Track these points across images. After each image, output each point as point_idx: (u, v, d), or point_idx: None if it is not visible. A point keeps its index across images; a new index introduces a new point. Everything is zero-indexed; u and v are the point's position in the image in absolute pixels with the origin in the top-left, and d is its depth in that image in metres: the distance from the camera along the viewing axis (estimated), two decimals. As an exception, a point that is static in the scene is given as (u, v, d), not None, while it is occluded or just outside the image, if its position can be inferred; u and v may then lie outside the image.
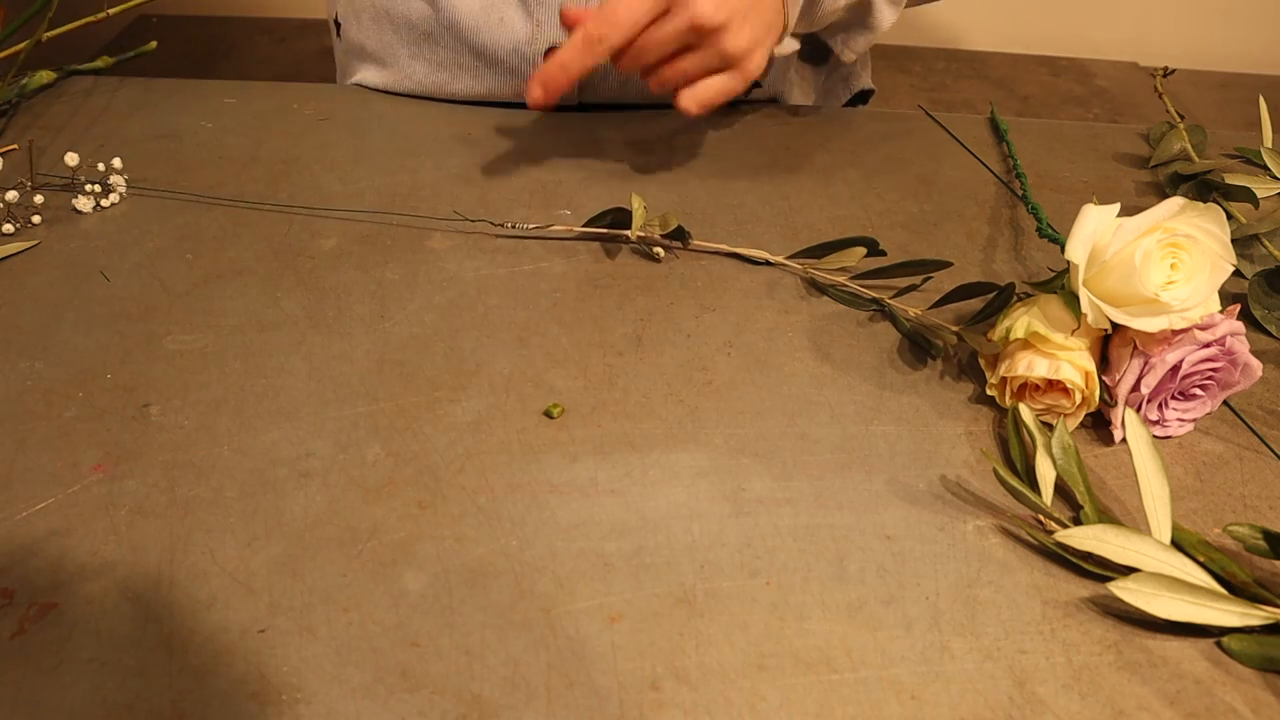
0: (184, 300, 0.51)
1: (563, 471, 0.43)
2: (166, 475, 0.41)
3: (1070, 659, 0.36)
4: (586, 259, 0.56)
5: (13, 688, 0.33)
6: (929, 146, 0.71)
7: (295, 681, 0.34)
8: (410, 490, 0.41)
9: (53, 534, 0.39)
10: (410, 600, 0.37)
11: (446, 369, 0.48)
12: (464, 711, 0.34)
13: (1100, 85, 1.28)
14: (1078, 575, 0.40)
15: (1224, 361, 0.44)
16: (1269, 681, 0.36)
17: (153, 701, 0.33)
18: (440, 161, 0.65)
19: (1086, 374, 0.44)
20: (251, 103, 0.70)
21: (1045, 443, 0.43)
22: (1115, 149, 0.73)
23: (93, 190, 0.57)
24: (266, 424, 0.44)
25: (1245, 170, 0.68)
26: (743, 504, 0.42)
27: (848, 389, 0.48)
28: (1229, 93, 1.25)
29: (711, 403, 0.47)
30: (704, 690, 0.35)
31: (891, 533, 0.41)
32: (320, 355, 0.48)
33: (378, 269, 0.54)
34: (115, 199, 0.58)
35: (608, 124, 0.70)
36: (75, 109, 0.68)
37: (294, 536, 0.39)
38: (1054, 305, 0.46)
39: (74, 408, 0.44)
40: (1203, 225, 0.43)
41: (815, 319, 0.53)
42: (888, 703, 0.35)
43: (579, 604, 0.37)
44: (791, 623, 0.37)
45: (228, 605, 0.36)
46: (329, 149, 0.65)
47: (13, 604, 0.36)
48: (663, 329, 0.51)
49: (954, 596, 0.38)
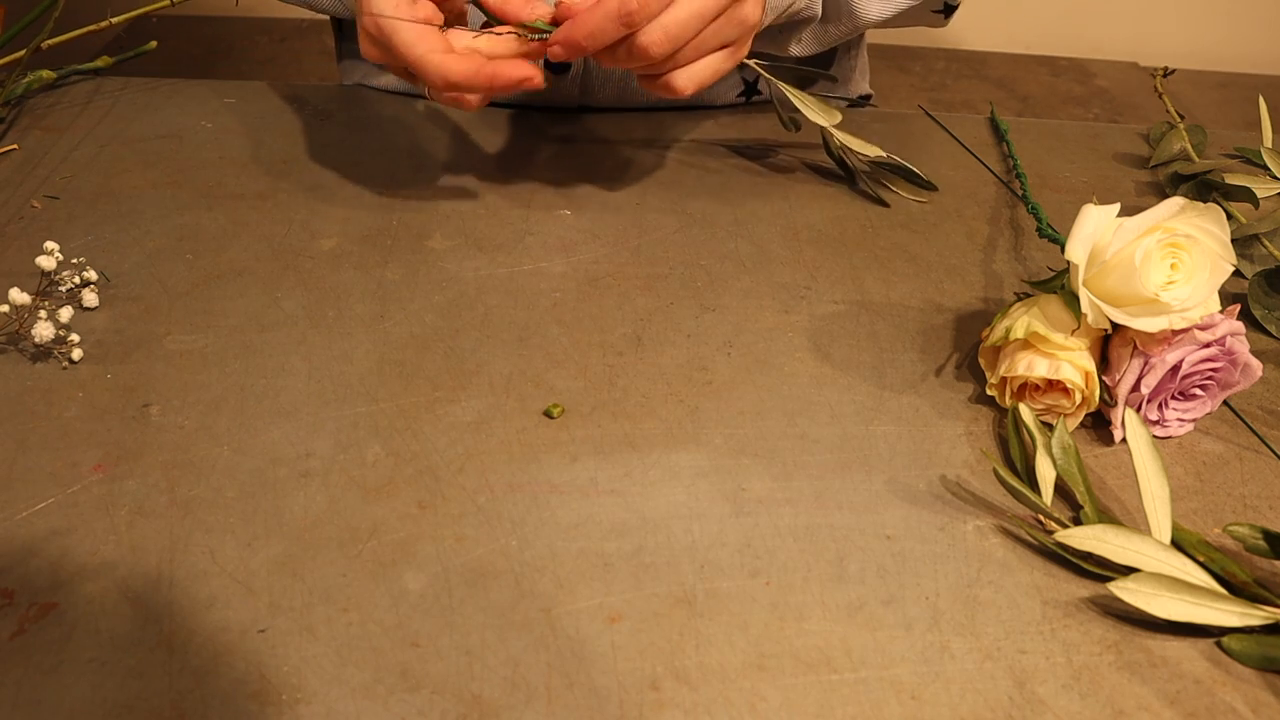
0: (184, 300, 0.51)
1: (563, 471, 0.43)
2: (166, 475, 0.41)
3: (1070, 659, 0.36)
4: (586, 259, 0.56)
5: (13, 688, 0.33)
6: (929, 146, 0.71)
7: (295, 681, 0.34)
8: (410, 490, 0.41)
9: (53, 534, 0.39)
10: (410, 600, 0.37)
11: (446, 369, 0.48)
12: (464, 711, 0.34)
13: (1100, 85, 1.28)
14: (1078, 575, 0.40)
15: (1224, 361, 0.44)
16: (1269, 681, 0.36)
17: (153, 701, 0.33)
18: (440, 161, 0.65)
19: (1086, 374, 0.44)
20: (251, 103, 0.70)
21: (1045, 443, 0.43)
22: (1115, 149, 0.73)
23: (52, 317, 0.47)
24: (266, 424, 0.44)
25: (1245, 170, 0.68)
26: (743, 504, 0.42)
27: (848, 389, 0.48)
28: (1229, 93, 1.26)
29: (711, 403, 0.47)
30: (704, 690, 0.35)
31: (891, 533, 0.41)
32: (320, 355, 0.48)
33: (378, 269, 0.54)
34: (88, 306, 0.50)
35: (608, 124, 0.70)
36: (76, 109, 0.68)
37: (294, 536, 0.39)
38: (1054, 305, 0.46)
39: (74, 408, 0.44)
40: (1203, 225, 0.43)
41: (815, 319, 0.53)
42: (888, 703, 0.35)
43: (579, 604, 0.37)
44: (791, 623, 0.37)
45: (228, 605, 0.36)
46: (329, 149, 0.65)
47: (13, 604, 0.36)
48: (663, 329, 0.51)
49: (954, 596, 0.38)
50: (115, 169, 0.62)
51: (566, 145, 0.68)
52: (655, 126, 0.71)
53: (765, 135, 0.71)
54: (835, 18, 0.67)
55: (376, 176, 0.62)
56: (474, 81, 0.49)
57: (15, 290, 0.47)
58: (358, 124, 0.68)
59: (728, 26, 0.52)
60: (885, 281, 0.56)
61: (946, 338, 0.52)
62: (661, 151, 0.67)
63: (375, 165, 0.64)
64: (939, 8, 0.69)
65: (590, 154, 0.67)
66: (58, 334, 0.47)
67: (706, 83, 0.53)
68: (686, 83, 0.53)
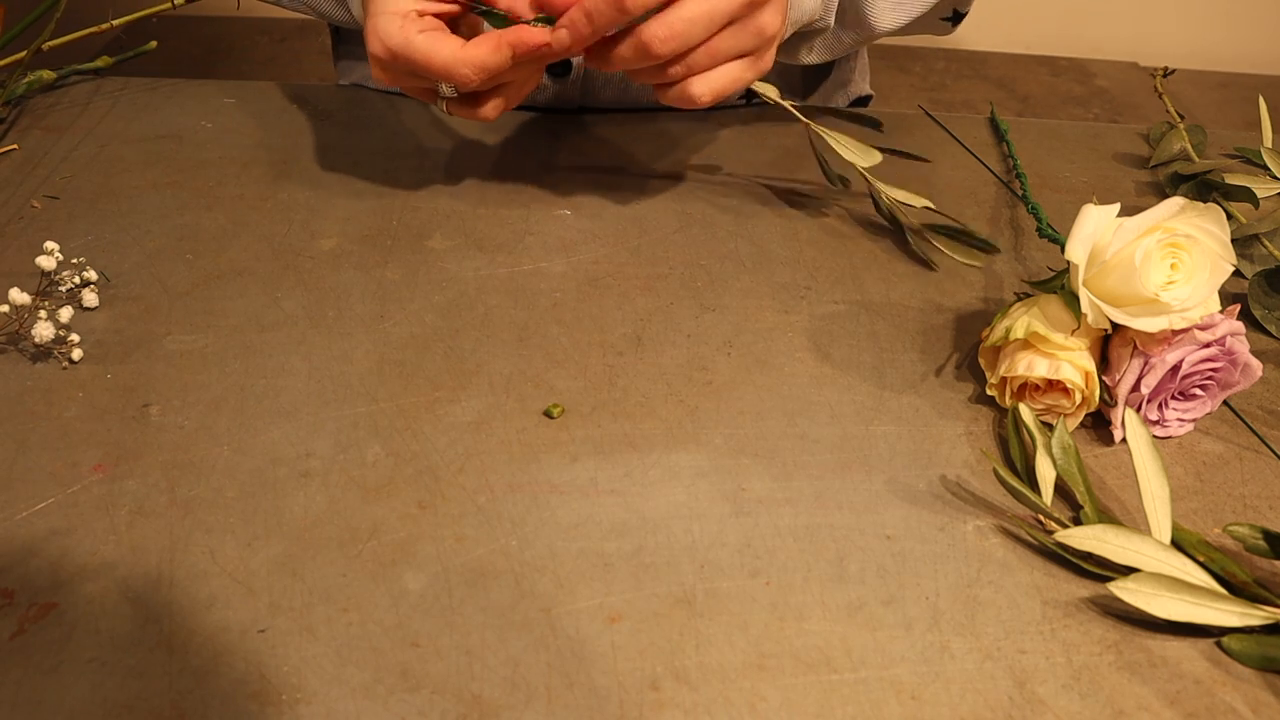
0: (184, 300, 0.51)
1: (563, 471, 0.43)
2: (166, 475, 0.41)
3: (1070, 659, 0.36)
4: (586, 259, 0.56)
5: (13, 688, 0.33)
6: (929, 146, 0.71)
7: (295, 681, 0.34)
8: (410, 490, 0.41)
9: (53, 534, 0.39)
10: (410, 600, 0.37)
11: (446, 369, 0.48)
12: (464, 711, 0.34)
13: (1100, 85, 1.28)
14: (1078, 575, 0.40)
15: (1224, 361, 0.44)
16: (1269, 681, 0.36)
17: (153, 701, 0.33)
18: (440, 161, 0.65)
19: (1086, 374, 0.44)
20: (251, 103, 0.70)
21: (1045, 443, 0.43)
22: (1115, 149, 0.73)
23: (53, 317, 0.47)
24: (266, 424, 0.44)
25: (1245, 170, 0.68)
26: (743, 504, 0.42)
27: (848, 389, 0.48)
28: (1229, 93, 1.26)
29: (711, 403, 0.47)
30: (704, 690, 0.35)
31: (891, 533, 0.41)
32: (320, 355, 0.48)
33: (378, 269, 0.54)
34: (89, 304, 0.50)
35: (608, 124, 0.70)
36: (76, 109, 0.68)
37: (294, 536, 0.39)
38: (1054, 305, 0.46)
39: (74, 408, 0.44)
40: (1203, 225, 0.43)
41: (815, 319, 0.53)
42: (888, 703, 0.35)
43: (579, 604, 0.37)
44: (791, 623, 0.37)
45: (228, 605, 0.36)
46: (329, 149, 0.65)
47: (13, 604, 0.36)
48: (663, 329, 0.51)
49: (954, 596, 0.38)
50: (115, 169, 0.62)
51: (566, 145, 0.68)
52: (655, 127, 0.71)
53: (765, 136, 0.71)
54: (848, 27, 0.67)
55: (376, 176, 0.62)
56: (501, 53, 0.49)
57: (15, 290, 0.47)
58: (358, 124, 0.68)
59: (744, 34, 0.50)
60: (885, 281, 0.56)
61: (946, 338, 0.52)
62: (662, 152, 0.67)
63: (375, 165, 0.64)
64: (947, 15, 0.69)
65: (590, 154, 0.67)
66: (58, 334, 0.47)
67: (725, 92, 0.52)
68: (704, 90, 0.51)
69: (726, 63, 0.51)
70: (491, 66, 0.49)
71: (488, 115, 0.54)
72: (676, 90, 0.51)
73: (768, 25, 0.50)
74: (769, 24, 0.50)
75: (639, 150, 0.67)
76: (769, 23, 0.50)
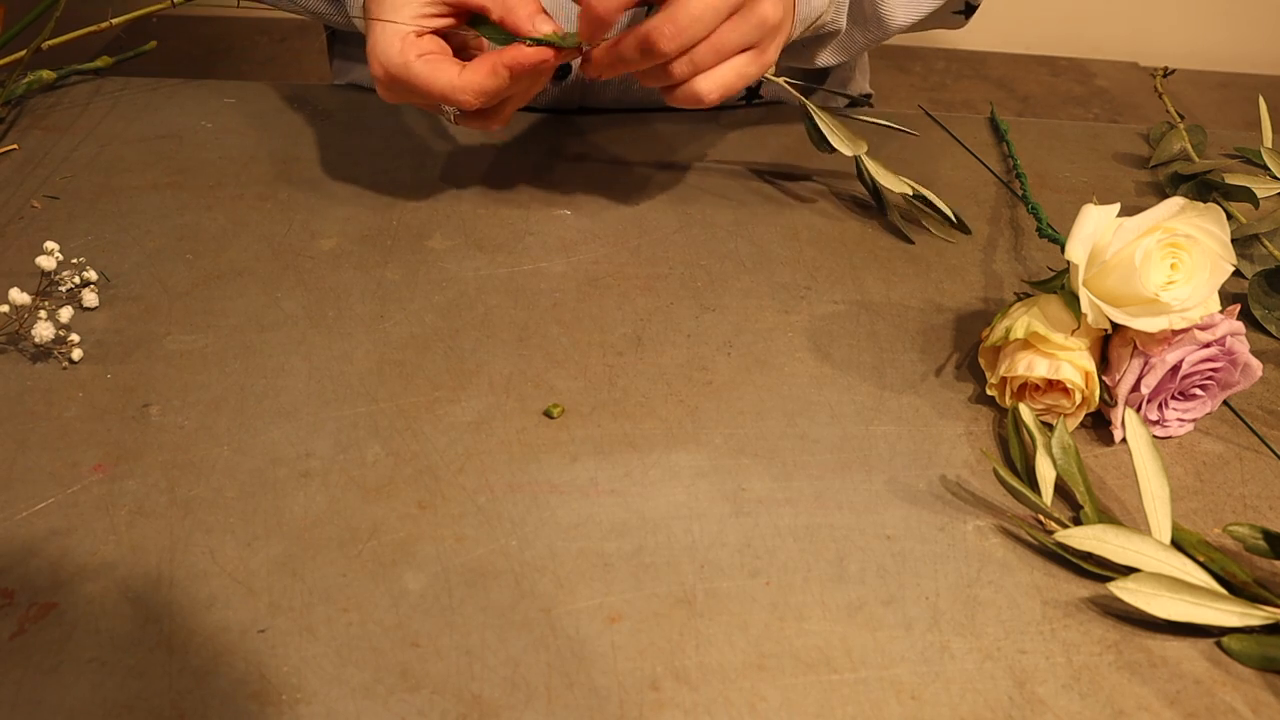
0: (184, 300, 0.51)
1: (563, 471, 0.43)
2: (166, 475, 0.41)
3: (1070, 659, 0.36)
4: (586, 259, 0.56)
5: (13, 688, 0.34)
6: (929, 146, 0.71)
7: (295, 681, 0.34)
8: (410, 490, 0.41)
9: (53, 534, 0.39)
10: (410, 600, 0.37)
11: (446, 369, 0.48)
12: (464, 711, 0.34)
13: (1100, 85, 1.28)
14: (1078, 575, 0.40)
15: (1224, 361, 0.44)
16: (1269, 681, 0.36)
17: (153, 701, 0.33)
18: (440, 161, 0.65)
19: (1086, 374, 0.44)
20: (251, 103, 0.70)
21: (1045, 443, 0.43)
22: (1115, 149, 0.73)
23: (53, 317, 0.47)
24: (266, 424, 0.44)
25: (1245, 170, 0.68)
26: (743, 504, 0.42)
27: (848, 389, 0.48)
28: (1229, 93, 1.26)
29: (711, 403, 0.47)
30: (704, 690, 0.35)
31: (891, 533, 0.41)
32: (320, 355, 0.48)
33: (378, 269, 0.54)
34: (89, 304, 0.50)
35: (608, 124, 0.70)
36: (76, 109, 0.68)
37: (294, 536, 0.39)
38: (1054, 305, 0.47)
39: (74, 408, 0.44)
40: (1203, 225, 0.43)
41: (815, 319, 0.53)
42: (888, 703, 0.35)
43: (579, 604, 0.37)
44: (791, 623, 0.37)
45: (228, 605, 0.36)
46: (329, 149, 0.65)
47: (13, 604, 0.36)
48: (663, 329, 0.51)
49: (954, 596, 0.38)
50: (115, 169, 0.62)
51: (566, 145, 0.68)
52: (655, 127, 0.71)
53: (765, 136, 0.71)
54: (863, 25, 0.66)
55: (376, 176, 0.62)
56: (499, 75, 0.49)
57: (15, 290, 0.47)
58: (358, 124, 0.68)
59: (746, 26, 0.50)
60: (885, 281, 0.56)
61: (946, 338, 0.52)
62: (661, 152, 0.67)
63: (375, 165, 0.64)
64: (960, 8, 0.69)
65: (590, 154, 0.67)
66: (58, 334, 0.47)
67: (731, 88, 0.51)
68: (711, 87, 0.50)
69: (731, 58, 0.51)
70: (490, 90, 0.50)
71: (492, 127, 0.55)
72: (683, 90, 0.51)
73: (769, 15, 0.50)
74: (770, 14, 0.50)
75: (639, 150, 0.67)
76: (770, 13, 0.50)
